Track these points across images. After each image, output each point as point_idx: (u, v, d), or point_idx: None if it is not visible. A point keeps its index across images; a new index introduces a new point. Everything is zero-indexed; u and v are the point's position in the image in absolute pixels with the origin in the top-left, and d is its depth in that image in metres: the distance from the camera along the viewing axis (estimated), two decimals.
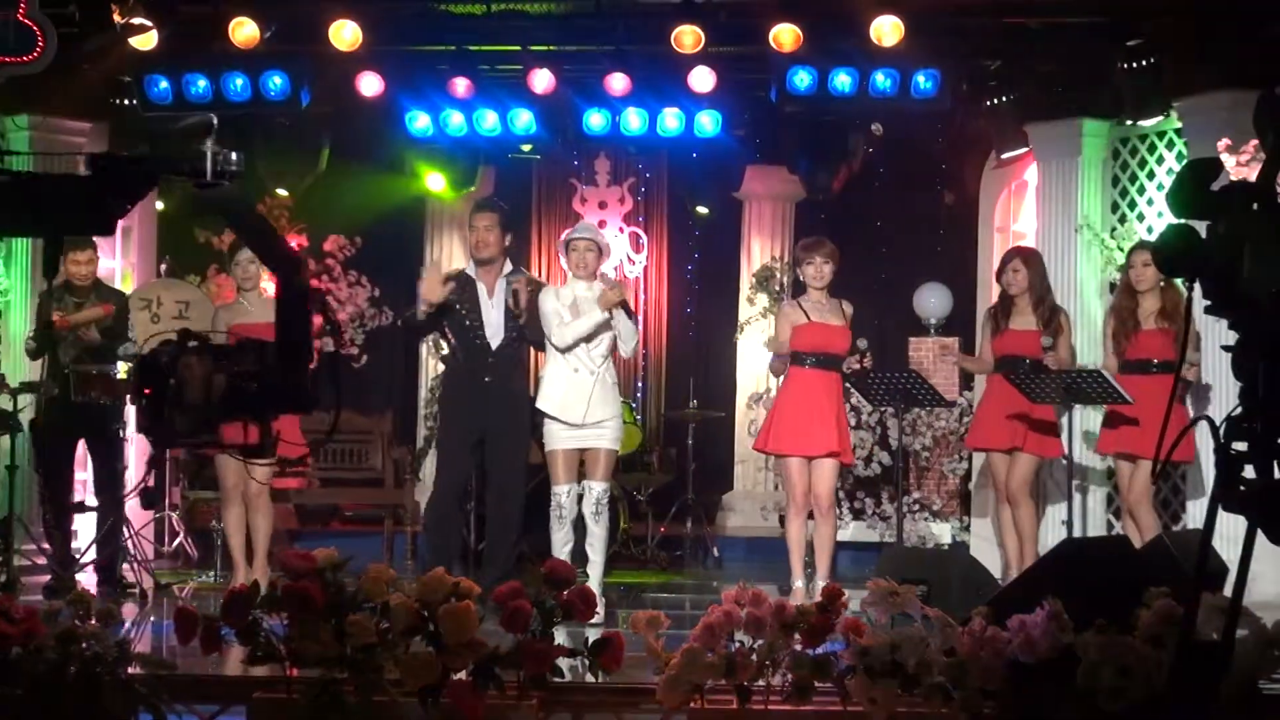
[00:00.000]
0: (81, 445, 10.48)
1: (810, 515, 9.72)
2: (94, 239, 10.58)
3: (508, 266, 9.51)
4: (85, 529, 10.76)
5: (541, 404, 9.29)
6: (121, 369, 10.09)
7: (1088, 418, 10.43)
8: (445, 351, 9.97)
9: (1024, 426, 9.71)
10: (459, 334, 9.47)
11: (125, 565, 10.17)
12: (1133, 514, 9.64)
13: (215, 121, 4.47)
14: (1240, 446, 4.01)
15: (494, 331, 9.38)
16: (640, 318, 14.58)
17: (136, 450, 11.54)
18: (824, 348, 9.55)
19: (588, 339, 9.17)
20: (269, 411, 4.40)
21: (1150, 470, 9.34)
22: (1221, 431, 4.02)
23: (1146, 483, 9.52)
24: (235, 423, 4.48)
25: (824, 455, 9.51)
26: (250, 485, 9.61)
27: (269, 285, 10.73)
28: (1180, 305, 9.41)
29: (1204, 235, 4.11)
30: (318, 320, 5.17)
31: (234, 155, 4.31)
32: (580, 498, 9.29)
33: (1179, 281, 8.88)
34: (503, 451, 9.44)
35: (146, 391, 4.36)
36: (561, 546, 9.19)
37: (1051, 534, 10.34)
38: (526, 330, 9.35)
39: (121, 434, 10.21)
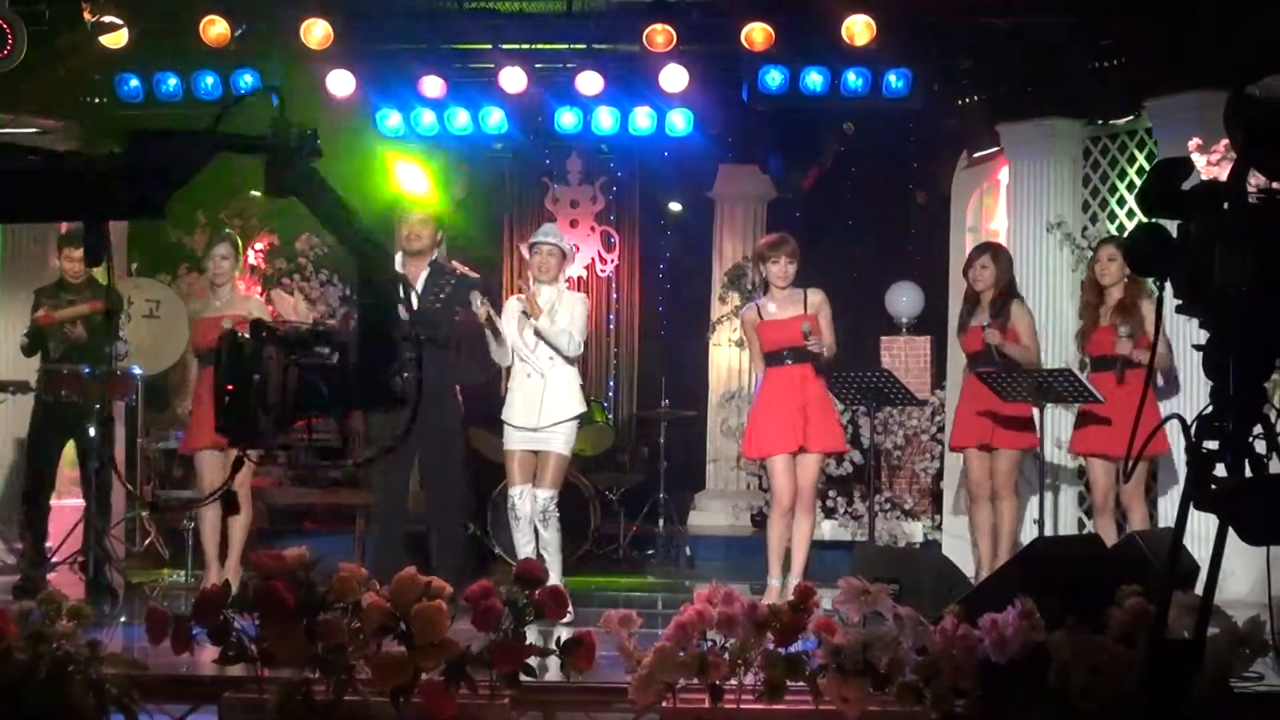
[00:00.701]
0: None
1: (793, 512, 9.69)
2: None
3: (433, 256, 9.51)
4: (57, 529, 10.73)
5: (503, 413, 9.40)
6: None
7: (1059, 419, 10.45)
8: None
9: (997, 422, 9.72)
10: None
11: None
12: (1126, 510, 9.66)
13: (281, 93, 4.24)
14: (1211, 445, 4.02)
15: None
16: (612, 316, 14.62)
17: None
18: (789, 342, 9.53)
19: (530, 345, 9.25)
20: (350, 407, 4.15)
21: (1122, 468, 9.35)
22: (1193, 430, 4.04)
23: (1136, 479, 9.52)
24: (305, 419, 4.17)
25: (805, 450, 9.49)
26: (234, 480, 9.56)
27: (242, 283, 10.71)
28: (1139, 299, 9.45)
29: (1174, 234, 4.13)
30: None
31: (310, 130, 4.03)
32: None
33: (1150, 280, 8.93)
34: (435, 449, 9.39)
35: (229, 388, 4.04)
36: (523, 546, 9.27)
37: (1023, 532, 10.35)
38: (419, 325, 9.34)
39: (91, 432, 10.16)
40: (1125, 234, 10.50)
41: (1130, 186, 10.91)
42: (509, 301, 9.57)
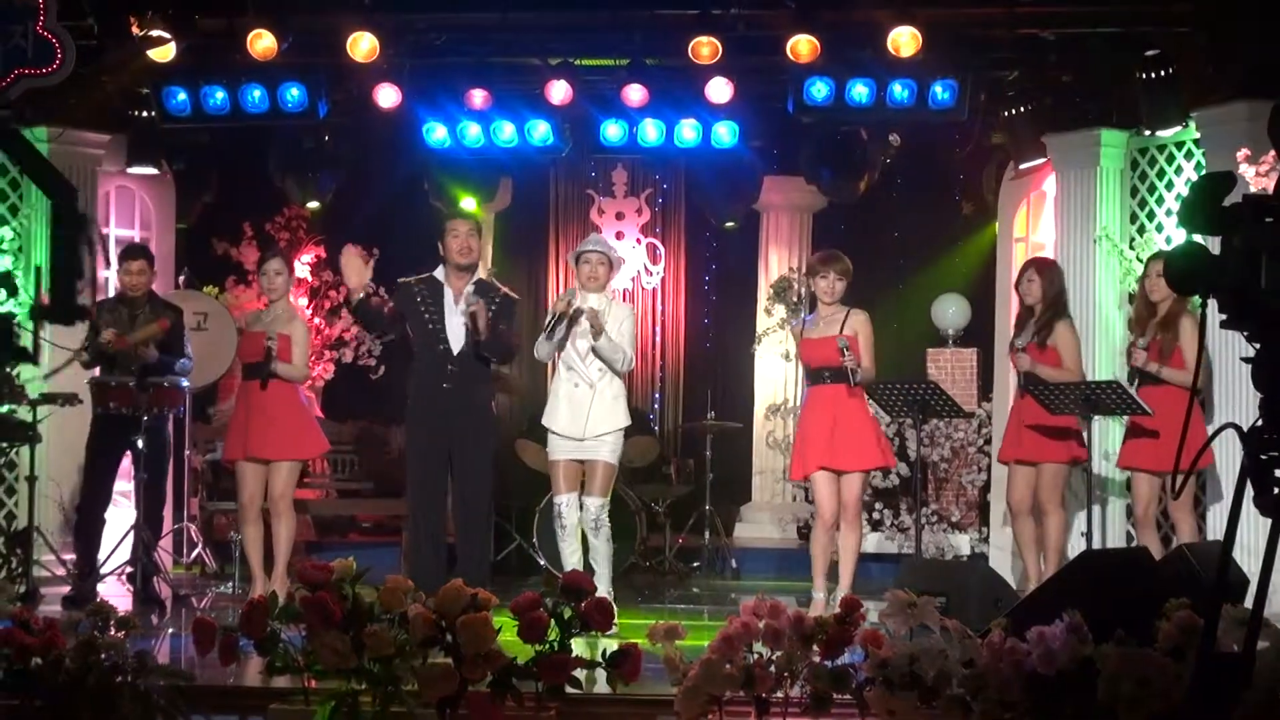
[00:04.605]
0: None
1: (836, 526, 9.67)
2: (148, 251, 10.67)
3: (479, 274, 9.50)
4: (107, 540, 10.78)
5: (545, 419, 9.39)
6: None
7: (1107, 431, 10.41)
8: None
9: (1043, 435, 9.69)
10: (422, 338, 9.40)
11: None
12: (1174, 524, 9.65)
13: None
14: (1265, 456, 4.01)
15: (457, 337, 9.33)
16: (657, 328, 14.64)
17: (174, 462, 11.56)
18: (823, 361, 9.53)
19: (581, 354, 9.24)
20: None
21: (1169, 483, 9.32)
22: (1246, 441, 4.02)
23: (1186, 493, 9.48)
24: None
25: (849, 469, 9.47)
26: (273, 491, 9.64)
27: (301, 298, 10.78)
28: (1181, 314, 9.41)
29: (1216, 250, 4.11)
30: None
31: None
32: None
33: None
34: (468, 461, 9.35)
35: None
36: (569, 556, 9.25)
37: (1071, 545, 10.31)
38: (483, 348, 9.34)
39: (140, 444, 10.20)
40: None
41: (1178, 197, 10.84)
42: (559, 303, 9.61)
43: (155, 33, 10.59)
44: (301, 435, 9.86)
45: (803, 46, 10.65)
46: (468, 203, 12.62)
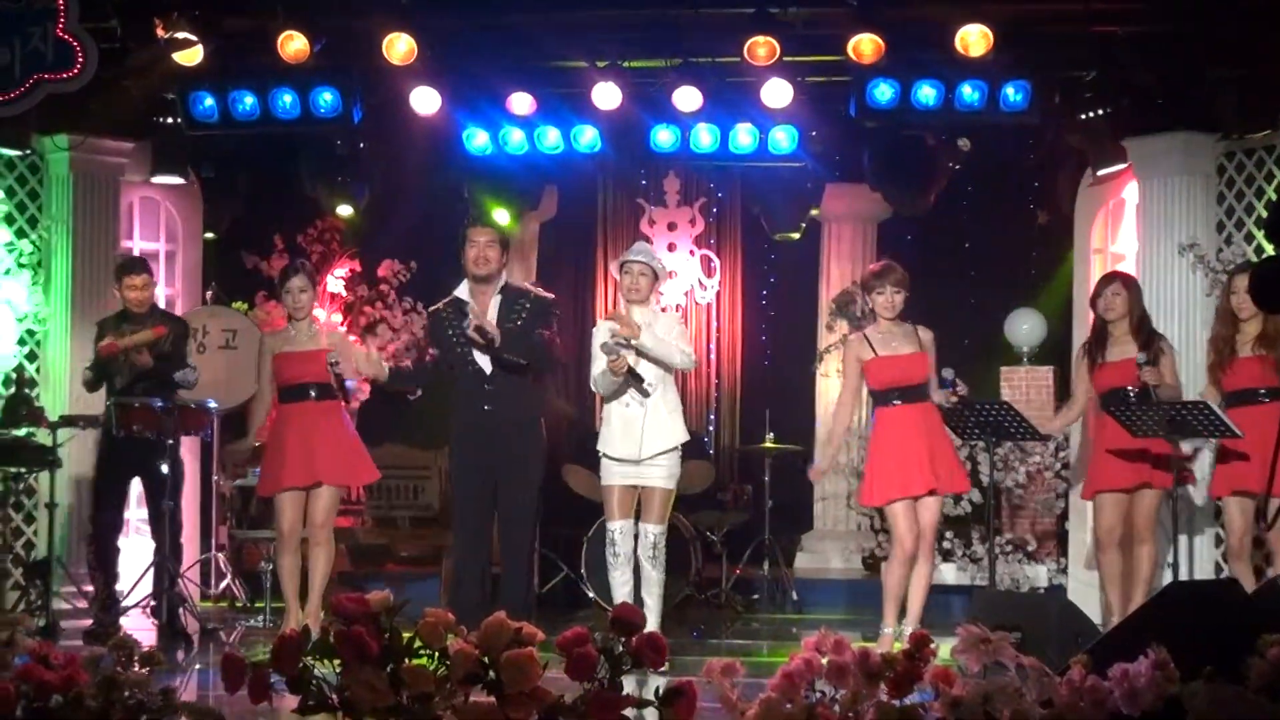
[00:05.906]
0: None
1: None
2: (147, 263, 10.73)
3: (502, 280, 9.43)
4: (128, 571, 10.83)
5: (600, 445, 9.36)
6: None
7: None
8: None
9: (1147, 461, 9.57)
10: (456, 364, 9.34)
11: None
12: (1270, 553, 9.51)
13: None
14: None
15: (485, 358, 9.26)
16: (713, 345, 14.62)
17: (187, 489, 11.61)
18: (900, 380, 9.48)
19: (634, 375, 9.20)
20: None
21: (1263, 508, 9.23)
22: None
23: None
24: None
25: (925, 493, 9.43)
26: (314, 518, 9.63)
27: (319, 313, 10.79)
28: None
29: None
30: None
31: None
32: (636, 538, 9.30)
33: None
34: (512, 485, 9.27)
35: None
36: (620, 587, 9.23)
37: (1157, 577, 10.23)
38: (507, 355, 9.22)
39: (164, 469, 10.23)
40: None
41: (1269, 205, 10.74)
42: (599, 326, 9.57)
43: (181, 35, 10.63)
44: (353, 459, 9.84)
45: (865, 46, 10.61)
46: (500, 215, 12.60)
